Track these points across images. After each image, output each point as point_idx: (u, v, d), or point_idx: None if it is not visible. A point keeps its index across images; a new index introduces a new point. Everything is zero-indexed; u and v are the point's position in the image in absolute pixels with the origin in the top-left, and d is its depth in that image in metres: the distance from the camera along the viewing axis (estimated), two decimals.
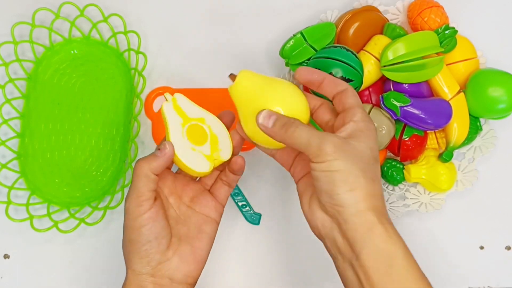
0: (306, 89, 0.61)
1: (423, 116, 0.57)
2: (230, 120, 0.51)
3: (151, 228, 0.46)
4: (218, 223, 0.50)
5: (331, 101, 0.48)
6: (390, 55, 0.57)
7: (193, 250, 0.48)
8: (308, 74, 0.48)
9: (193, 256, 0.48)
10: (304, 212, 0.47)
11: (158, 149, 0.47)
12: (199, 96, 0.64)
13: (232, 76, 0.48)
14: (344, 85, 0.47)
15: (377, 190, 0.44)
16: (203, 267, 0.49)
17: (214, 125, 0.51)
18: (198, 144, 0.49)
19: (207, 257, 0.49)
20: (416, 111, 0.57)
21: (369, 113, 0.58)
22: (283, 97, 0.47)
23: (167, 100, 0.50)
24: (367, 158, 0.44)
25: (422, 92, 0.59)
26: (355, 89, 0.57)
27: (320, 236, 0.46)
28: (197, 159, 0.49)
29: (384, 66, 0.58)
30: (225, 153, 0.50)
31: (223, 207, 0.51)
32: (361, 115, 0.45)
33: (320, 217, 0.45)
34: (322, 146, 0.43)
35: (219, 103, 0.64)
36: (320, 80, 0.47)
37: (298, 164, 0.51)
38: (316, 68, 0.56)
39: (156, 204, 0.47)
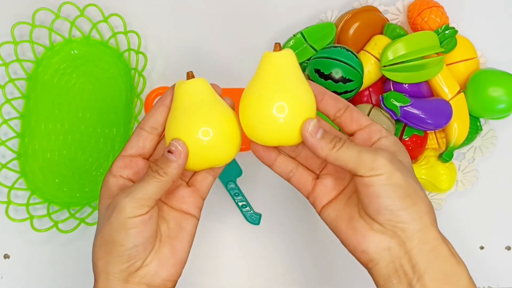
0: None
1: (423, 116, 0.57)
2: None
3: (141, 232, 0.40)
4: (198, 219, 0.45)
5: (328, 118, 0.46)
6: (390, 55, 0.57)
7: (173, 251, 0.43)
8: None
9: (173, 258, 0.43)
10: (346, 239, 0.43)
11: (168, 151, 0.41)
12: None
13: (277, 45, 0.43)
14: (345, 102, 0.44)
15: (431, 202, 0.41)
16: (183, 268, 0.44)
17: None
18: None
19: (187, 257, 0.44)
20: (416, 111, 0.57)
21: (369, 113, 0.58)
22: (291, 89, 0.42)
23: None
24: (413, 172, 0.42)
25: (422, 92, 0.59)
26: (355, 89, 0.57)
27: (369, 261, 0.41)
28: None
29: (384, 66, 0.58)
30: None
31: (204, 200, 0.46)
32: (386, 131, 0.43)
33: (374, 239, 0.41)
34: (377, 157, 0.39)
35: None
36: (320, 97, 0.44)
37: (320, 188, 0.46)
38: (316, 69, 0.56)
39: (154, 208, 0.42)
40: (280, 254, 0.62)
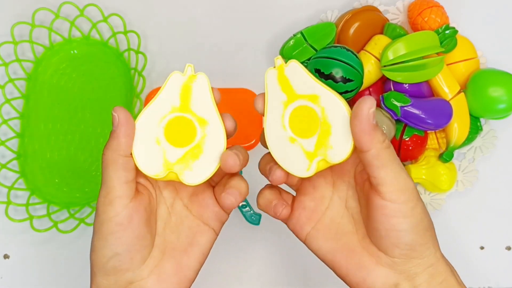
0: None
1: (423, 116, 0.57)
2: (230, 127, 0.39)
3: (121, 237, 0.34)
4: (216, 235, 0.39)
5: None
6: (391, 55, 0.57)
7: (178, 267, 0.37)
8: None
9: (176, 276, 0.36)
10: (347, 276, 0.38)
11: (113, 123, 0.35)
12: None
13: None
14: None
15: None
16: (189, 282, 0.37)
17: (330, 107, 0.35)
18: (302, 136, 0.36)
19: (195, 277, 0.38)
20: (416, 111, 0.57)
21: None
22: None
23: (274, 67, 0.36)
24: None
25: (423, 92, 0.59)
26: (355, 89, 0.57)
27: None
28: (293, 156, 0.36)
29: (384, 66, 0.58)
30: (338, 152, 0.35)
31: (228, 216, 0.40)
32: None
33: (381, 275, 0.37)
34: (408, 181, 0.34)
35: (219, 103, 0.64)
36: None
37: (299, 212, 0.40)
38: (317, 69, 0.56)
39: (135, 204, 0.35)
40: (280, 255, 0.62)
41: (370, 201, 0.36)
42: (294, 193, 0.43)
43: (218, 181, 0.41)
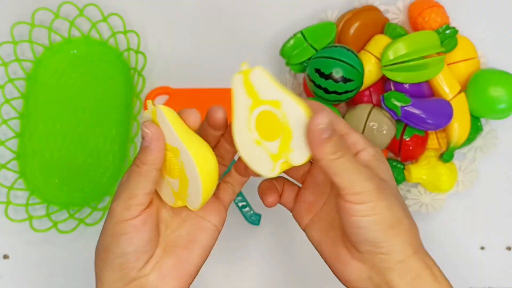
0: (309, 94, 0.61)
1: (424, 116, 0.57)
2: (219, 118, 0.40)
3: (133, 239, 0.37)
4: (219, 231, 0.41)
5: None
6: (391, 55, 0.57)
7: (178, 262, 0.39)
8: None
9: (177, 271, 0.39)
10: (330, 265, 0.41)
11: (142, 137, 0.37)
12: (199, 96, 0.64)
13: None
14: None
15: (414, 224, 0.40)
16: (190, 283, 0.40)
17: (291, 112, 0.36)
18: (267, 139, 0.37)
19: (197, 271, 0.40)
20: (417, 111, 0.57)
21: (369, 113, 0.57)
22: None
23: (240, 72, 0.38)
24: (396, 189, 0.40)
25: (423, 92, 0.59)
26: (355, 89, 0.57)
27: None
28: (259, 157, 0.37)
29: (385, 66, 0.58)
30: (298, 155, 0.37)
31: (226, 211, 0.43)
32: (364, 142, 0.40)
33: (355, 268, 0.39)
34: (365, 183, 0.36)
35: (219, 103, 0.64)
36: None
37: (300, 205, 0.44)
38: (317, 69, 0.56)
39: (148, 211, 0.38)
40: (280, 255, 0.61)
41: (337, 200, 0.38)
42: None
43: None
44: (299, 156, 0.37)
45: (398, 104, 0.57)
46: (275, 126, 0.37)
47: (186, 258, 0.39)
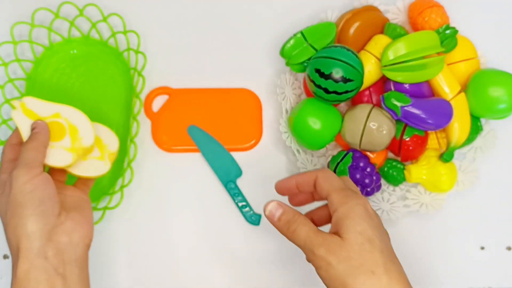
0: (309, 94, 0.61)
1: (423, 116, 0.57)
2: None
3: (45, 190, 0.46)
4: (86, 192, 0.53)
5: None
6: (391, 55, 0.57)
7: (82, 215, 0.48)
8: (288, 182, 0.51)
9: (84, 218, 0.48)
10: None
11: (33, 128, 0.49)
12: (199, 96, 0.64)
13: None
14: (313, 173, 0.49)
15: (384, 282, 0.42)
16: (93, 230, 0.49)
17: (71, 116, 0.52)
18: (57, 140, 0.51)
19: (93, 221, 0.50)
20: (416, 111, 0.57)
21: (369, 113, 0.57)
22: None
23: (15, 108, 0.51)
24: (360, 245, 0.43)
25: (423, 92, 0.59)
26: (355, 89, 0.57)
27: None
28: (58, 155, 0.50)
29: (385, 66, 0.58)
30: (87, 140, 0.51)
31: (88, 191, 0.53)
32: (336, 199, 0.46)
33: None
34: (314, 251, 0.44)
35: (219, 103, 0.64)
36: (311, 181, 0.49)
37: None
38: (317, 69, 0.56)
39: (45, 173, 0.47)
40: (280, 255, 0.61)
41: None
42: None
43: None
44: (88, 139, 0.51)
45: (398, 104, 0.57)
46: (60, 129, 0.51)
47: (86, 212, 0.49)
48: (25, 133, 0.50)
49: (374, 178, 0.58)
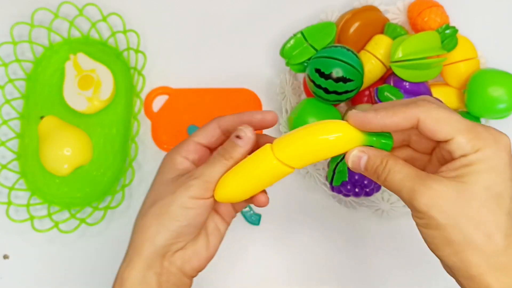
0: (309, 94, 0.61)
1: None
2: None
3: (200, 215, 0.41)
4: (228, 225, 0.47)
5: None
6: (400, 52, 0.57)
7: (207, 245, 0.44)
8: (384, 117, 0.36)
9: (207, 251, 0.44)
10: None
11: (237, 136, 0.41)
12: (199, 96, 0.64)
13: None
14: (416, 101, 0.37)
15: (501, 247, 0.34)
16: (207, 264, 0.46)
17: (102, 73, 0.62)
18: (84, 89, 0.61)
19: (215, 255, 0.46)
20: None
21: None
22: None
23: (69, 59, 0.62)
24: (482, 202, 0.34)
25: (423, 93, 0.59)
26: (355, 89, 0.57)
27: None
28: (78, 101, 0.61)
29: (394, 62, 0.57)
30: (104, 94, 0.61)
31: (235, 214, 0.47)
32: (461, 143, 0.35)
33: None
34: (413, 203, 0.35)
35: (219, 103, 0.64)
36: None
37: None
38: (317, 69, 0.56)
39: (211, 200, 0.42)
40: (280, 255, 0.62)
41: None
42: None
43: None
44: (104, 93, 0.61)
45: (391, 97, 0.57)
46: (90, 82, 0.61)
47: (212, 242, 0.44)
48: (67, 78, 0.62)
49: None
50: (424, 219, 0.35)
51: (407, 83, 0.59)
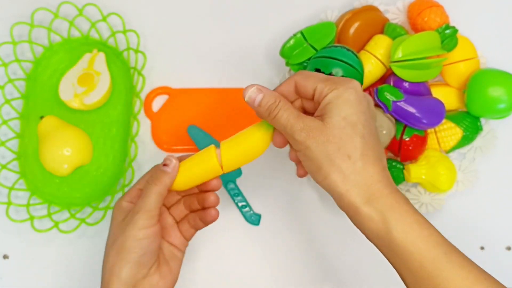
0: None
1: (414, 113, 0.57)
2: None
3: (152, 242, 0.46)
4: (184, 251, 0.52)
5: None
6: (400, 52, 0.57)
7: (170, 270, 0.49)
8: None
9: (171, 275, 0.49)
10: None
11: (164, 164, 0.47)
12: (199, 96, 0.64)
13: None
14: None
15: (359, 166, 0.42)
16: (176, 282, 0.51)
17: (103, 79, 0.62)
18: (82, 86, 0.61)
19: (177, 278, 0.51)
20: (408, 108, 0.57)
21: None
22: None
23: (92, 52, 0.63)
24: (341, 130, 0.42)
25: (422, 93, 0.59)
26: None
27: None
28: (68, 91, 0.61)
29: (394, 61, 0.57)
30: (91, 98, 0.61)
31: (188, 242, 0.52)
32: (325, 88, 0.43)
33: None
34: (295, 136, 0.43)
35: (219, 103, 0.64)
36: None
37: None
38: (317, 69, 0.56)
39: (158, 225, 0.47)
40: (280, 255, 0.62)
41: None
42: None
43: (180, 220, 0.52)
44: (90, 99, 0.61)
45: (391, 98, 0.57)
46: (89, 81, 0.61)
47: (174, 267, 0.50)
48: (74, 69, 0.62)
49: None
50: (301, 150, 0.43)
51: (407, 83, 0.59)
